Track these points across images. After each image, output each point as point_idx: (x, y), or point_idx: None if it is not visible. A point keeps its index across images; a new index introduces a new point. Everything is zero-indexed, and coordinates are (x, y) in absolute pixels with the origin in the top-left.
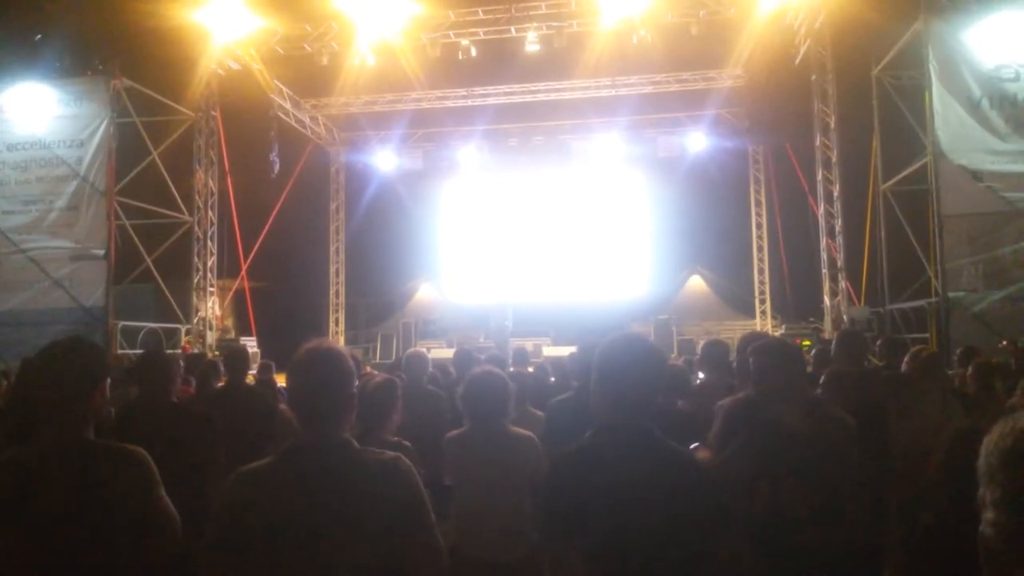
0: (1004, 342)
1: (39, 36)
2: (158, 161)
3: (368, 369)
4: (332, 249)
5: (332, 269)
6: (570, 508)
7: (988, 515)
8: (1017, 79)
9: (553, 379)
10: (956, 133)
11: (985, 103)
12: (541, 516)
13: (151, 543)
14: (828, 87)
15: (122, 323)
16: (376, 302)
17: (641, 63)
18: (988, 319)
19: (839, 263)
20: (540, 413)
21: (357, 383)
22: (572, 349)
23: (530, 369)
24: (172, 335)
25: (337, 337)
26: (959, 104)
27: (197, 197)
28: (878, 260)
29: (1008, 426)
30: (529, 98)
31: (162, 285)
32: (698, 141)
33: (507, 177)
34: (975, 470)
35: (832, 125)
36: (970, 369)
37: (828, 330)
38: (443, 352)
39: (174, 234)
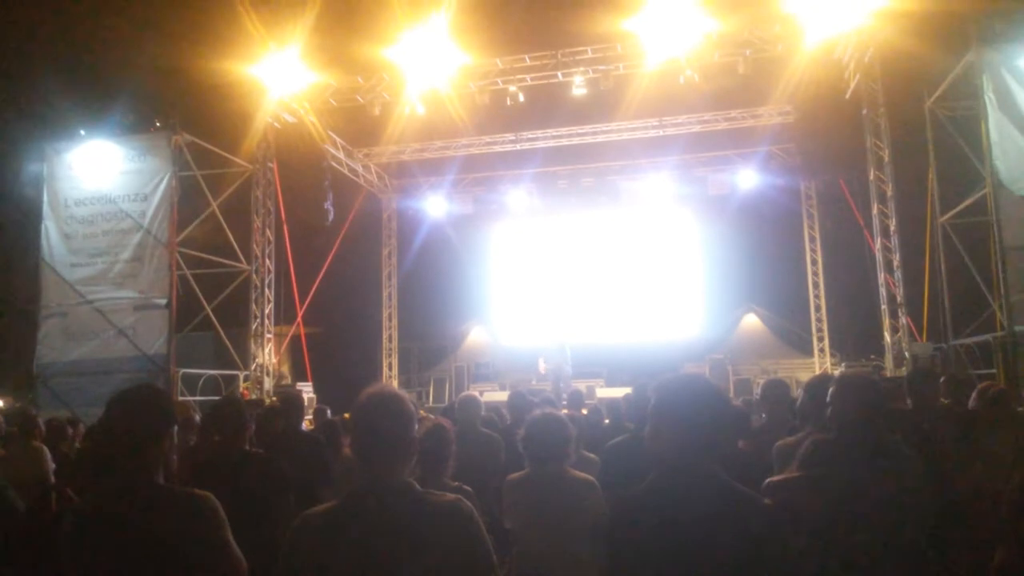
0: None
1: (106, 96)
2: (217, 212)
3: (423, 414)
4: (385, 294)
5: (385, 314)
6: (636, 552)
7: None
8: None
9: (607, 421)
10: (1015, 163)
11: None
12: (606, 561)
13: None
14: (880, 120)
15: (183, 370)
16: (429, 346)
17: (688, 102)
18: None
19: (898, 298)
20: (593, 456)
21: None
22: (626, 390)
23: (584, 411)
24: (231, 382)
25: (391, 381)
26: (1017, 133)
27: (255, 246)
28: (939, 294)
29: None
30: (577, 140)
31: (221, 333)
32: (749, 178)
33: (557, 219)
34: None
35: (886, 159)
36: None
37: (889, 367)
38: (496, 395)
39: (233, 282)
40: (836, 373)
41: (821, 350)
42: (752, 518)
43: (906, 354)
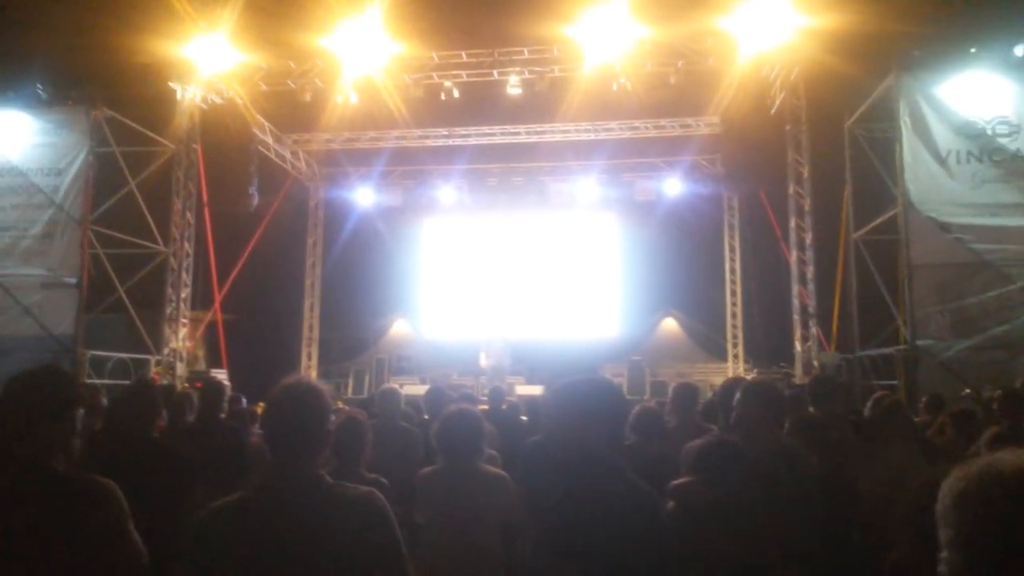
0: (967, 391)
1: (22, 66)
2: (135, 192)
3: (340, 405)
4: (307, 283)
5: (307, 303)
6: (556, 548)
7: (943, 555)
8: (983, 135)
9: (525, 418)
10: (925, 185)
11: (953, 157)
12: (531, 555)
13: None
14: (802, 137)
15: (91, 352)
16: (350, 337)
17: (620, 109)
18: (954, 367)
19: (810, 309)
20: (494, 452)
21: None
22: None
23: (503, 407)
24: (141, 366)
25: (309, 372)
26: (929, 157)
27: (174, 228)
28: (848, 307)
29: (963, 471)
30: (509, 139)
31: (134, 315)
32: (674, 186)
33: (485, 217)
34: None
35: (805, 174)
36: (946, 418)
37: (798, 375)
38: (416, 389)
39: (148, 264)
40: (742, 378)
41: (735, 356)
42: (657, 514)
43: (814, 363)
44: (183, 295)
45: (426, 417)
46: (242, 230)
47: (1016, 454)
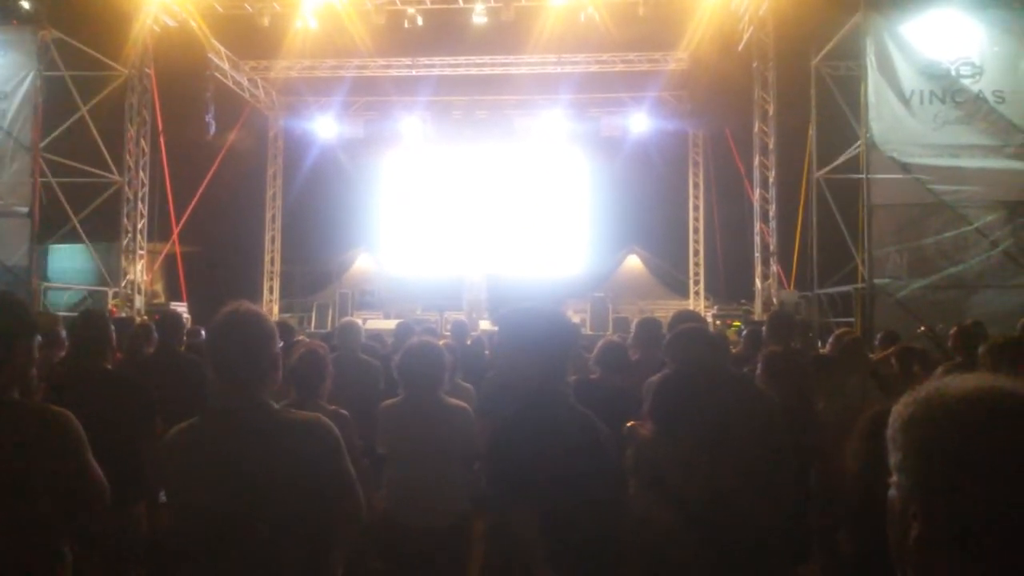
0: (923, 328)
1: None
2: (87, 118)
3: (302, 337)
4: (268, 216)
5: (268, 236)
6: (510, 480)
7: (893, 479)
8: (946, 76)
9: (488, 352)
10: (888, 125)
11: (917, 98)
12: (485, 487)
13: (78, 508)
14: (769, 74)
15: (46, 284)
16: (312, 271)
17: (587, 42)
18: (910, 306)
19: (771, 247)
20: (468, 385)
21: (282, 346)
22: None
23: (468, 342)
24: (99, 298)
25: (271, 306)
26: (893, 96)
27: (128, 157)
28: (809, 245)
29: (912, 396)
30: (474, 71)
31: (89, 246)
32: (640, 122)
33: (449, 150)
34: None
35: (771, 112)
36: (891, 352)
37: (758, 312)
38: (380, 323)
39: (103, 194)
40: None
41: (696, 293)
42: (598, 438)
43: (774, 300)
44: (139, 226)
45: (390, 350)
46: (199, 160)
47: (962, 379)
